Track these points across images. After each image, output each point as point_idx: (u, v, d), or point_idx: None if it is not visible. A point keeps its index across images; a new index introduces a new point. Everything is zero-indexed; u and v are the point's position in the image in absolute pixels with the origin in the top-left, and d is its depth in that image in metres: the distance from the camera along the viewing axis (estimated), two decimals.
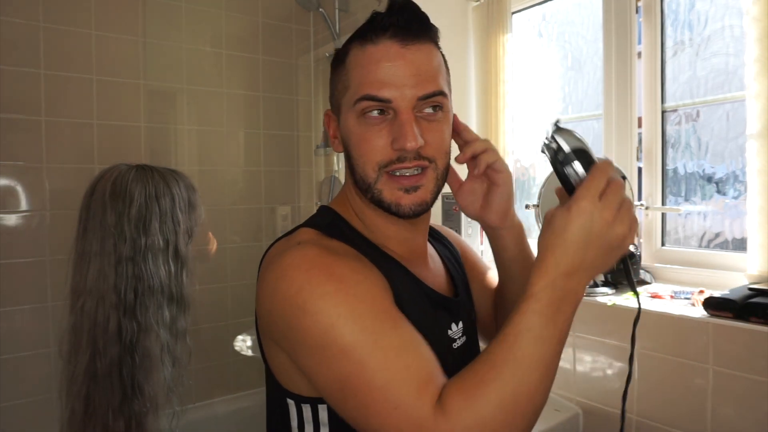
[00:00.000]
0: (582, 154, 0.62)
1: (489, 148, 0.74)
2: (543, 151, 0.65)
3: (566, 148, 0.62)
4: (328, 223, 0.72)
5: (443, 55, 0.70)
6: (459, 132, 0.75)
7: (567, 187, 0.63)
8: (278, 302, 0.60)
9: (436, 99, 0.65)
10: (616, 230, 0.57)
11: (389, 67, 0.63)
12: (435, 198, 0.69)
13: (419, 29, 0.65)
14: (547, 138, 0.64)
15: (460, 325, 0.76)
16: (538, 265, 0.58)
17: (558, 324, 0.56)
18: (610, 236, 0.57)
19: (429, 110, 0.66)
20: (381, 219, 0.72)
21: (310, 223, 0.72)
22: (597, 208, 0.57)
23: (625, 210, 0.58)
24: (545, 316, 0.56)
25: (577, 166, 0.61)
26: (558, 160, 0.62)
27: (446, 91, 0.67)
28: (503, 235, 0.78)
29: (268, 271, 0.64)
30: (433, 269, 0.79)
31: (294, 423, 0.67)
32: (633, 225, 0.59)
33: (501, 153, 1.81)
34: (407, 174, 0.65)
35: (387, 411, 0.55)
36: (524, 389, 0.55)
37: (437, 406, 0.54)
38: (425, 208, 0.68)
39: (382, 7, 0.65)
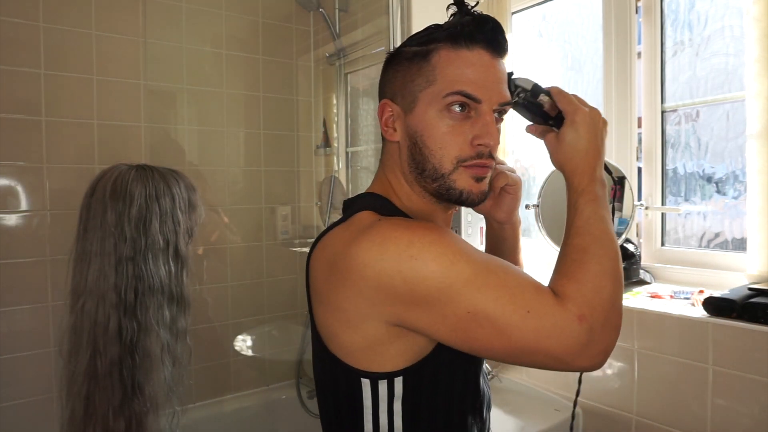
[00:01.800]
0: (539, 87, 0.79)
1: (500, 172, 0.85)
2: (515, 104, 0.78)
3: (528, 86, 0.79)
4: (382, 205, 0.77)
5: None
6: None
7: (542, 116, 0.80)
8: (390, 262, 0.63)
9: (506, 107, 0.76)
10: (603, 121, 0.78)
11: (482, 72, 0.72)
12: None
13: (504, 46, 0.76)
14: (510, 90, 0.77)
15: None
16: (572, 169, 0.75)
17: (605, 204, 0.73)
18: (603, 128, 0.77)
19: (496, 116, 0.75)
20: (426, 206, 0.79)
21: (364, 206, 0.76)
22: (589, 112, 0.76)
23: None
24: (597, 202, 0.72)
25: (544, 96, 0.79)
26: (527, 99, 0.78)
27: None
28: (506, 228, 0.91)
29: (362, 244, 0.66)
30: None
31: (368, 402, 0.71)
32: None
33: (501, 153, 1.82)
34: (483, 166, 0.74)
35: (522, 319, 0.62)
36: (613, 256, 0.68)
37: (557, 297, 0.63)
38: (485, 197, 0.77)
39: (460, 15, 0.76)
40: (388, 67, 0.80)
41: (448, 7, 0.77)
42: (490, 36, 0.73)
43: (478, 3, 0.77)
